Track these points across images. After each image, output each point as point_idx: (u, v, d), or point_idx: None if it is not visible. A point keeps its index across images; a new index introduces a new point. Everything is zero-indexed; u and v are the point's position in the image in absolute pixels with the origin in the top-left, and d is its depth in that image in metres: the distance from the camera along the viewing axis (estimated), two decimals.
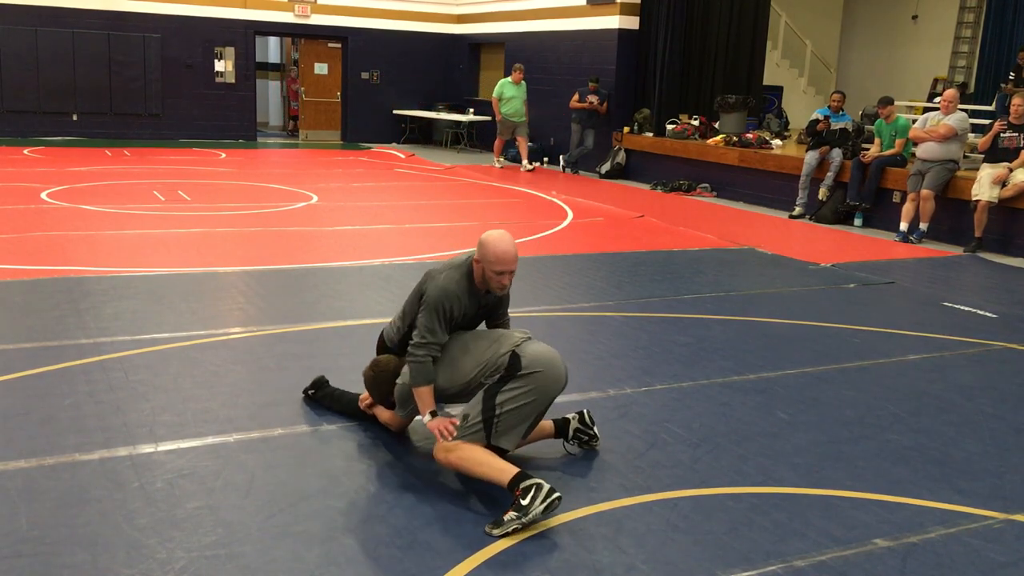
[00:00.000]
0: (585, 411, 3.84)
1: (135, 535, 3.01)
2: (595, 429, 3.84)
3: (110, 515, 3.14)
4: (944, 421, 4.42)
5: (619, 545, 3.08)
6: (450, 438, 3.45)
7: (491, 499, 3.40)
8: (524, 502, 3.11)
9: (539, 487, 3.13)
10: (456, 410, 3.68)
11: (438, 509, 3.29)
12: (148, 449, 3.68)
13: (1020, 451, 4.08)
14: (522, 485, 3.15)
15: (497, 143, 15.55)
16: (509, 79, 15.03)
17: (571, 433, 3.80)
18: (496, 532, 3.10)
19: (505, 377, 3.43)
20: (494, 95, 15.07)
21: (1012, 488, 3.68)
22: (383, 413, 3.91)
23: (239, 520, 3.15)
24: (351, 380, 4.54)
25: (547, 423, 3.77)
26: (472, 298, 3.66)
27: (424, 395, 3.56)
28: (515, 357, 3.44)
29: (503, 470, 3.27)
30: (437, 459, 3.46)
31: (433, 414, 3.55)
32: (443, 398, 3.65)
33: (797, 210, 11.12)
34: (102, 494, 3.28)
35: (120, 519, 3.11)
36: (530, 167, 14.98)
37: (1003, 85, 12.41)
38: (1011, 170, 9.14)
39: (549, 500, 3.12)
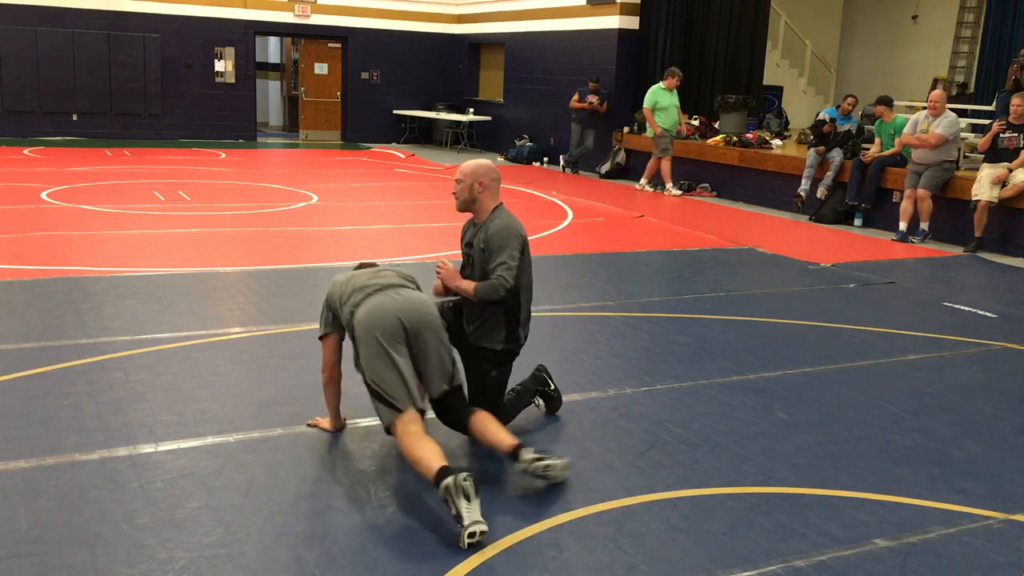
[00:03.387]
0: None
1: (135, 535, 3.01)
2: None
3: (110, 515, 3.14)
4: (944, 421, 4.42)
5: (619, 545, 3.08)
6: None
7: (490, 499, 3.40)
8: (453, 512, 3.03)
9: (449, 489, 3.01)
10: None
11: (438, 509, 3.29)
12: (148, 449, 3.68)
13: (1020, 451, 4.08)
14: (440, 495, 3.06)
15: (665, 166, 12.65)
16: (661, 85, 12.62)
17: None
18: (463, 544, 2.99)
19: (355, 350, 3.54)
20: (646, 106, 12.58)
21: (1012, 488, 3.68)
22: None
23: (239, 520, 3.15)
24: (351, 380, 4.53)
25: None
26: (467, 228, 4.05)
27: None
28: (349, 327, 3.59)
29: (429, 469, 3.16)
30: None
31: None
32: None
33: (800, 194, 11.07)
34: (102, 494, 3.28)
35: (120, 519, 3.11)
36: (650, 188, 12.90)
37: (1013, 66, 12.21)
38: (1011, 170, 9.14)
39: (465, 491, 3.00)
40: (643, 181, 12.94)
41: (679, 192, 12.60)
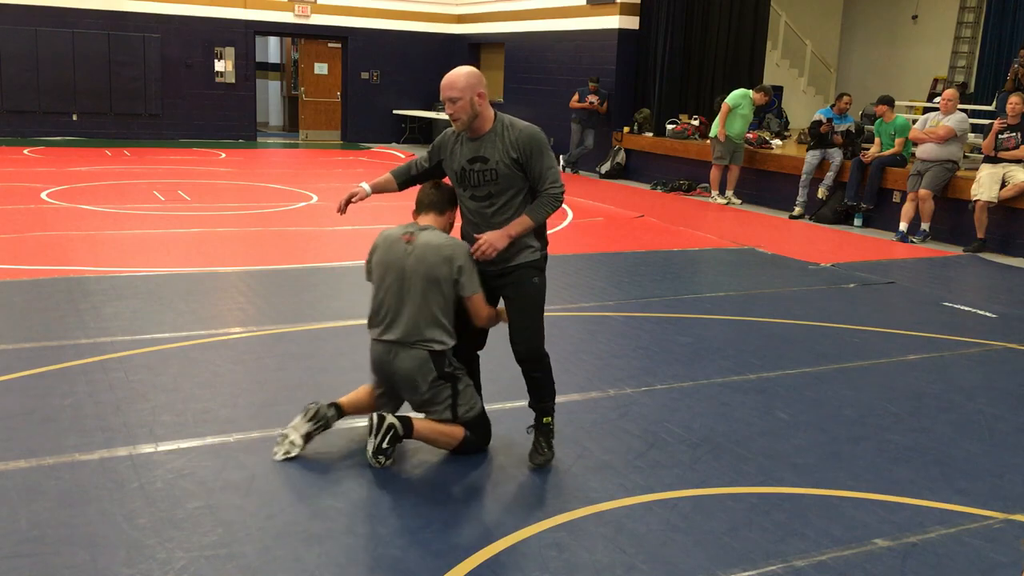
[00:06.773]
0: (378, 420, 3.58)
1: (135, 535, 3.01)
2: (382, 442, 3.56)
3: (110, 515, 3.14)
4: (944, 421, 4.42)
5: (619, 545, 3.08)
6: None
7: (490, 500, 3.40)
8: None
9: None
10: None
11: (438, 509, 3.30)
12: (148, 449, 3.68)
13: (1020, 451, 4.08)
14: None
15: (715, 173, 12.11)
16: (752, 93, 11.95)
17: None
18: None
19: None
20: (729, 102, 11.77)
21: (1012, 488, 3.68)
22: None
23: (239, 520, 3.15)
24: (353, 380, 4.53)
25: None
26: (460, 145, 3.85)
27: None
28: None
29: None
30: None
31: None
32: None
33: (797, 210, 11.12)
34: (102, 494, 3.28)
35: (120, 519, 3.11)
36: (737, 201, 12.17)
37: (1014, 66, 12.22)
38: (997, 138, 9.17)
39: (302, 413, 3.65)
40: (728, 193, 12.14)
41: (724, 201, 12.04)
